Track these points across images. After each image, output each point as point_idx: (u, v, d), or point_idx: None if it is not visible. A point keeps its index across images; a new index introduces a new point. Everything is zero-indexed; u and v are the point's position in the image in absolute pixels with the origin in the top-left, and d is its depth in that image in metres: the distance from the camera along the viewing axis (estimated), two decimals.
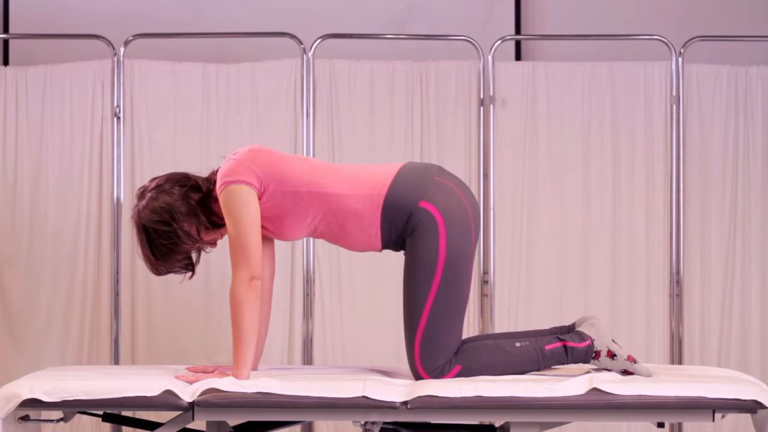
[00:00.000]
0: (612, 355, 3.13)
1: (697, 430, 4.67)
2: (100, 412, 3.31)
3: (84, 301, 4.63)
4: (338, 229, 3.22)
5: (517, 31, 5.20)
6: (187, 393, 2.97)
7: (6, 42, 5.15)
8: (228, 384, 2.99)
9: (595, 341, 3.15)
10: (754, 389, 2.95)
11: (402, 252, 3.23)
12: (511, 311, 4.67)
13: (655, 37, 4.71)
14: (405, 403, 2.95)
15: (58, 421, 3.19)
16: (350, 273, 4.65)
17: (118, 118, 4.63)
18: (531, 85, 4.72)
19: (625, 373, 3.14)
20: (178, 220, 3.18)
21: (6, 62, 5.12)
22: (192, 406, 2.96)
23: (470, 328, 4.54)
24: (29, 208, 4.65)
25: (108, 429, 4.62)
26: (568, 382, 2.97)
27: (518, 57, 5.18)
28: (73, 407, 2.98)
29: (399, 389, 3.00)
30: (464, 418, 2.98)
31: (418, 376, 3.16)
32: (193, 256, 3.29)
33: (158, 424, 3.16)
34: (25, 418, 3.05)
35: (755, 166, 4.73)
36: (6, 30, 5.14)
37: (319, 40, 4.64)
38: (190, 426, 3.12)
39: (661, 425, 3.15)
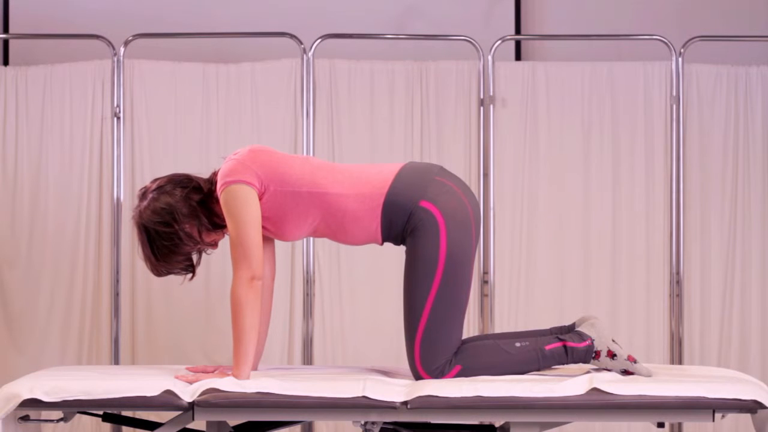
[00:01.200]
0: (612, 355, 3.13)
1: (697, 430, 4.68)
2: (100, 412, 3.31)
3: (84, 301, 4.63)
4: (338, 228, 3.22)
5: (517, 31, 5.20)
6: (187, 393, 2.97)
7: (6, 42, 5.15)
8: (228, 384, 2.99)
9: (595, 341, 3.15)
10: (754, 389, 2.95)
11: (402, 247, 3.23)
12: (511, 311, 4.66)
13: (655, 37, 4.71)
14: (405, 403, 2.95)
15: (58, 421, 3.19)
16: (350, 273, 4.65)
17: (118, 118, 4.63)
18: (531, 85, 4.72)
19: (626, 373, 3.14)
20: (179, 221, 3.18)
21: (6, 62, 5.12)
22: (192, 406, 2.96)
23: (470, 328, 4.54)
24: (29, 208, 4.65)
25: (108, 429, 4.62)
26: (568, 382, 2.97)
27: (518, 57, 5.19)
28: (73, 407, 2.98)
29: (399, 389, 3.01)
30: (464, 418, 2.98)
31: (418, 376, 3.16)
32: (194, 257, 3.29)
33: (158, 424, 3.16)
34: (25, 418, 3.05)
35: (755, 166, 4.73)
36: (6, 30, 5.14)
37: (319, 40, 4.64)
38: (190, 426, 3.12)
39: (661, 425, 3.15)
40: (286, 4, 5.20)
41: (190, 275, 3.29)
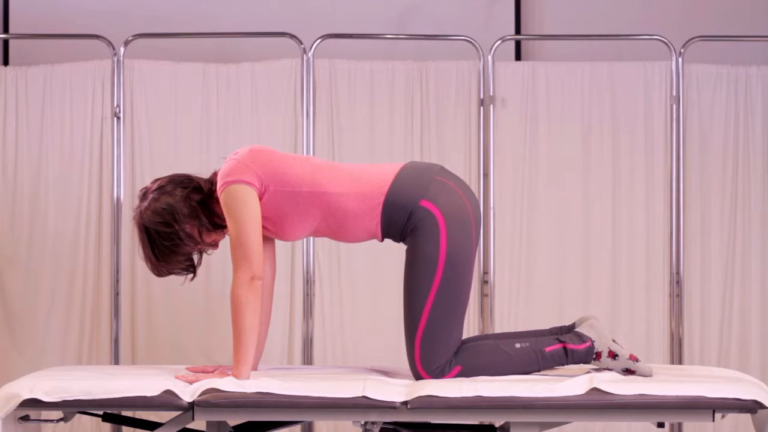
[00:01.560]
0: (614, 355, 3.13)
1: (697, 430, 4.67)
2: (100, 412, 3.31)
3: (84, 301, 4.63)
4: (338, 228, 3.22)
5: (517, 31, 5.20)
6: (187, 393, 2.97)
7: (6, 42, 5.15)
8: (228, 384, 2.99)
9: (596, 342, 3.15)
10: (754, 389, 2.95)
11: (402, 246, 3.23)
12: (511, 311, 4.66)
13: (655, 37, 4.71)
14: (405, 403, 2.95)
15: (58, 421, 3.20)
16: (350, 273, 4.65)
17: (118, 118, 4.63)
18: (531, 85, 4.72)
19: (627, 372, 3.13)
20: (179, 222, 3.18)
21: (6, 62, 5.12)
22: (192, 406, 2.96)
23: (470, 328, 4.54)
24: (29, 208, 4.65)
25: (108, 429, 4.62)
26: (568, 382, 2.97)
27: (518, 57, 5.18)
28: (73, 407, 2.98)
29: (399, 389, 3.01)
30: (464, 418, 2.98)
31: (418, 376, 3.16)
32: (195, 257, 3.29)
33: (158, 424, 3.16)
34: (25, 418, 3.05)
35: (755, 166, 4.73)
36: (6, 30, 5.14)
37: (319, 40, 4.64)
38: (190, 426, 3.12)
39: (661, 425, 3.15)
40: (286, 4, 5.19)
41: (191, 275, 3.29)
